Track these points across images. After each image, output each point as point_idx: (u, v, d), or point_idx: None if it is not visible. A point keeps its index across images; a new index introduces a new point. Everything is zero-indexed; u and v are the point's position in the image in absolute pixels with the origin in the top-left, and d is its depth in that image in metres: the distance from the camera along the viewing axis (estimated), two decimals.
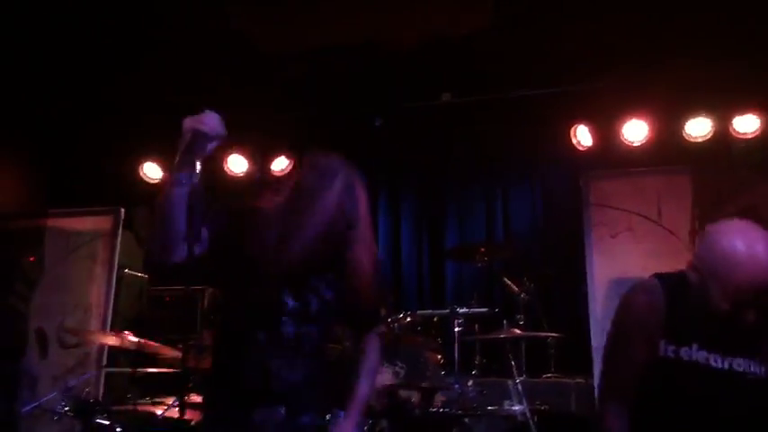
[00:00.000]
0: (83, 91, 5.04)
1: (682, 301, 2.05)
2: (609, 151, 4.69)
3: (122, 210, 4.76)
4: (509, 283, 4.69)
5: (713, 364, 2.03)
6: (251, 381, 2.21)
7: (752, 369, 2.03)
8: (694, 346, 2.03)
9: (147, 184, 5.62)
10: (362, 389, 2.37)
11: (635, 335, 2.08)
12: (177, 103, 5.03)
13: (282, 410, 2.21)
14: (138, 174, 5.64)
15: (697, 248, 2.10)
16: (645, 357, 2.06)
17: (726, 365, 2.03)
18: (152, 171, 5.69)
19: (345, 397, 3.15)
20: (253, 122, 4.51)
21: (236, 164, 5.37)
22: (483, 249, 4.53)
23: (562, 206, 5.16)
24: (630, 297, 2.15)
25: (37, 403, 3.75)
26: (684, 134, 4.55)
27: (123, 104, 5.13)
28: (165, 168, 5.58)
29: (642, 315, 2.08)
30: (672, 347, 2.04)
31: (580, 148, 4.81)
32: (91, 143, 5.35)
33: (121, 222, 4.73)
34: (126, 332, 3.87)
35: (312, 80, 4.84)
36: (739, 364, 2.03)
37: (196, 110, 2.18)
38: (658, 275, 2.16)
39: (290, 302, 2.27)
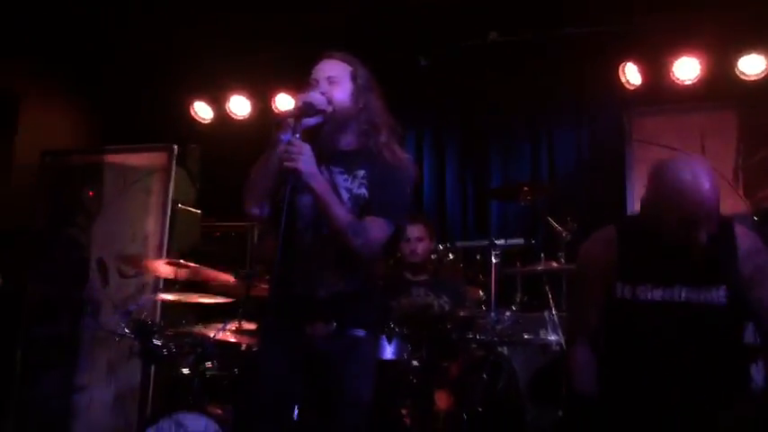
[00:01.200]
0: (137, 32, 5.18)
1: (635, 241, 2.15)
2: (658, 90, 4.63)
3: (175, 147, 4.92)
4: (553, 222, 4.71)
5: (669, 297, 2.10)
6: (301, 290, 2.35)
7: (710, 298, 2.10)
8: (649, 284, 2.12)
9: (198, 122, 5.83)
10: (339, 204, 2.30)
11: (591, 279, 2.21)
12: (224, 47, 5.19)
13: (333, 324, 2.35)
14: (190, 113, 5.84)
15: (647, 182, 2.17)
16: (602, 299, 2.16)
17: (682, 297, 2.10)
18: (202, 110, 5.88)
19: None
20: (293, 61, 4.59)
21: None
22: (527, 189, 4.54)
23: (607, 145, 5.12)
24: (586, 245, 2.31)
25: (98, 327, 4.00)
26: (737, 71, 4.46)
27: (176, 46, 5.26)
28: (214, 108, 5.76)
29: (595, 259, 2.21)
30: (628, 287, 2.13)
31: (629, 87, 4.76)
32: (145, 82, 5.53)
33: (174, 159, 4.89)
34: (181, 261, 4.08)
35: (356, 18, 4.86)
36: (697, 294, 2.10)
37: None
38: (617, 221, 2.31)
39: None
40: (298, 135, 2.24)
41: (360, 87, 2.45)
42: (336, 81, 2.44)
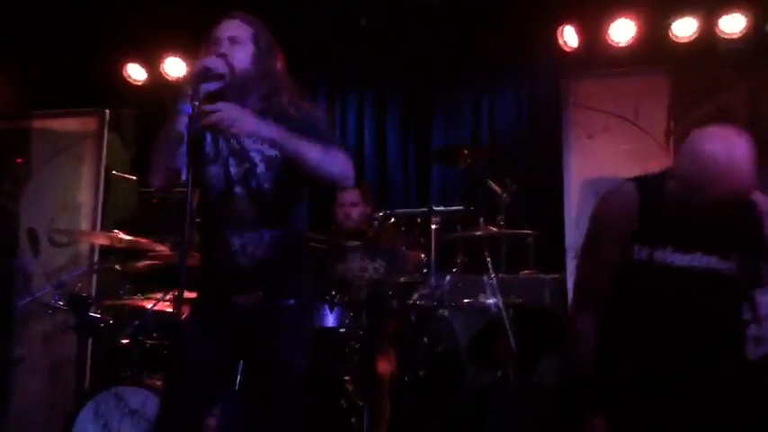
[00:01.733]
0: None
1: (657, 204, 2.07)
2: (594, 52, 4.66)
3: (107, 111, 4.75)
4: (492, 184, 4.76)
5: (687, 263, 2.05)
6: (222, 261, 2.33)
7: (724, 266, 2.07)
8: (668, 249, 2.06)
9: (131, 85, 5.61)
10: (305, 142, 2.24)
11: (608, 238, 2.11)
12: (157, 5, 5.00)
13: (260, 294, 2.32)
14: (122, 75, 5.62)
15: (678, 154, 2.12)
16: (618, 261, 2.08)
17: (702, 264, 2.06)
18: (135, 72, 5.66)
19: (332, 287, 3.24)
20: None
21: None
22: (467, 151, 4.57)
23: (547, 108, 5.16)
24: (604, 201, 2.19)
25: (31, 298, 3.89)
26: (670, 34, 4.52)
27: (106, 5, 5.04)
28: (147, 69, 5.55)
29: (615, 219, 2.11)
30: (646, 250, 2.07)
31: (566, 49, 4.79)
32: (74, 44, 5.28)
33: (107, 124, 4.73)
34: (116, 231, 3.98)
35: None
36: (714, 262, 2.06)
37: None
38: (635, 179, 2.18)
39: (235, 169, 2.32)
40: (197, 103, 2.14)
41: (261, 50, 2.37)
42: (238, 42, 2.35)
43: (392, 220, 4.40)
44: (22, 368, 4.53)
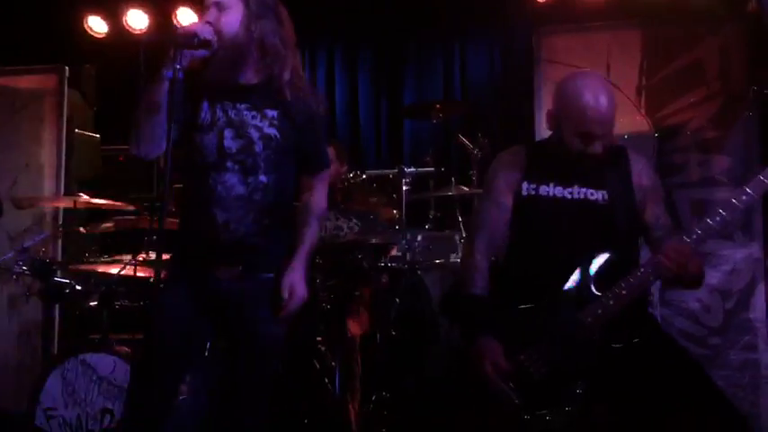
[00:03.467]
0: None
1: (540, 151, 2.47)
2: (566, 5, 4.60)
3: (66, 68, 4.59)
4: (464, 139, 4.72)
5: (568, 195, 2.37)
6: (203, 233, 2.28)
7: (600, 197, 2.37)
8: (551, 184, 2.38)
9: (92, 39, 5.40)
10: (312, 230, 2.37)
11: (501, 184, 2.45)
12: None
13: (240, 268, 2.28)
14: (82, 29, 5.41)
15: (552, 98, 2.43)
16: (507, 204, 2.42)
17: (581, 196, 2.37)
18: (97, 24, 5.44)
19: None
20: None
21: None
22: (439, 106, 4.52)
23: (519, 63, 5.11)
24: (497, 156, 2.58)
25: None
26: None
27: None
28: (109, 22, 5.34)
29: (503, 167, 2.48)
30: (532, 186, 2.40)
31: (539, 1, 4.72)
32: None
33: (66, 80, 4.57)
34: (80, 193, 3.88)
35: None
36: (591, 194, 2.37)
37: None
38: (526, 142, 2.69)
39: (230, 143, 2.27)
40: (179, 67, 2.08)
41: (253, 14, 2.27)
42: (226, 7, 2.25)
43: (364, 177, 4.36)
44: None
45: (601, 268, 2.27)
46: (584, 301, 2.24)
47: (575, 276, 2.29)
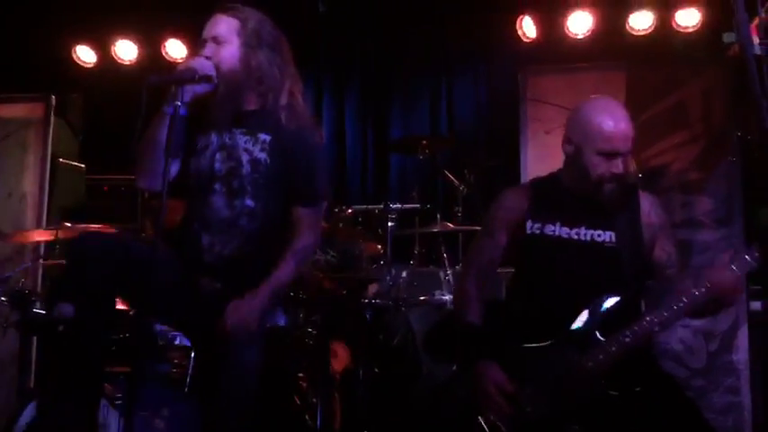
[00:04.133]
0: None
1: (547, 188, 2.43)
2: (552, 45, 4.68)
3: (53, 97, 4.58)
4: (450, 175, 4.74)
5: (575, 236, 2.34)
6: (188, 254, 2.29)
7: (608, 238, 2.32)
8: (557, 223, 2.35)
9: (80, 69, 5.37)
10: (285, 268, 2.29)
11: (498, 218, 2.46)
12: None
13: (219, 285, 2.27)
14: (70, 59, 5.39)
15: (567, 128, 2.41)
16: (504, 245, 2.43)
17: (587, 237, 2.33)
18: (85, 54, 5.42)
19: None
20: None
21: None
22: (425, 142, 4.55)
23: (505, 101, 5.16)
24: (502, 195, 2.54)
25: None
26: (627, 27, 4.55)
27: None
28: (98, 53, 5.34)
29: (507, 203, 2.46)
30: (537, 225, 2.36)
31: (525, 40, 4.79)
32: (19, 24, 5.07)
33: (53, 109, 4.56)
34: (64, 222, 3.84)
35: None
36: (599, 235, 2.33)
37: None
38: (532, 179, 2.60)
39: (220, 165, 2.29)
40: (180, 104, 2.13)
41: (249, 45, 2.31)
42: (223, 41, 2.30)
43: (349, 211, 4.35)
44: None
45: (607, 312, 2.24)
46: (588, 344, 2.21)
47: (581, 318, 2.25)
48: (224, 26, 2.32)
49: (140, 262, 2.08)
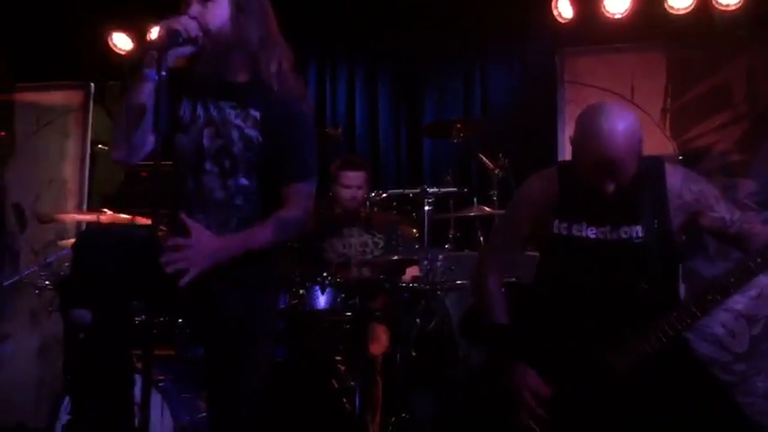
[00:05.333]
0: None
1: (573, 183, 2.28)
2: (589, 25, 4.59)
3: (92, 84, 4.64)
4: (484, 159, 4.70)
5: (601, 236, 2.25)
6: (180, 236, 2.09)
7: (635, 233, 2.23)
8: (583, 223, 2.26)
9: (118, 56, 5.45)
10: (263, 230, 2.14)
11: (524, 211, 2.37)
12: None
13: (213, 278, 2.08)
14: (108, 45, 5.47)
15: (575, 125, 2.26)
16: (527, 235, 2.37)
17: (614, 236, 2.24)
18: (122, 42, 5.49)
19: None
20: None
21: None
22: (459, 125, 4.52)
23: (540, 83, 5.09)
24: (529, 182, 2.42)
25: (18, 277, 3.83)
26: (666, 6, 4.45)
27: None
28: (134, 40, 5.39)
29: (534, 196, 2.35)
30: (564, 225, 2.27)
31: (561, 20, 4.71)
32: (58, 13, 5.14)
33: (92, 97, 4.63)
34: (103, 209, 3.91)
35: None
36: (625, 232, 2.24)
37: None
38: (559, 164, 2.49)
39: (209, 142, 2.15)
40: (164, 72, 1.96)
41: (240, 7, 2.15)
42: (210, 0, 2.13)
43: (384, 195, 4.36)
44: (9, 346, 4.48)
45: (635, 309, 2.19)
46: (617, 342, 2.17)
47: (611, 316, 2.20)
48: None
49: (145, 254, 1.99)
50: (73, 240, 4.03)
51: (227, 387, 2.15)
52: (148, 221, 3.69)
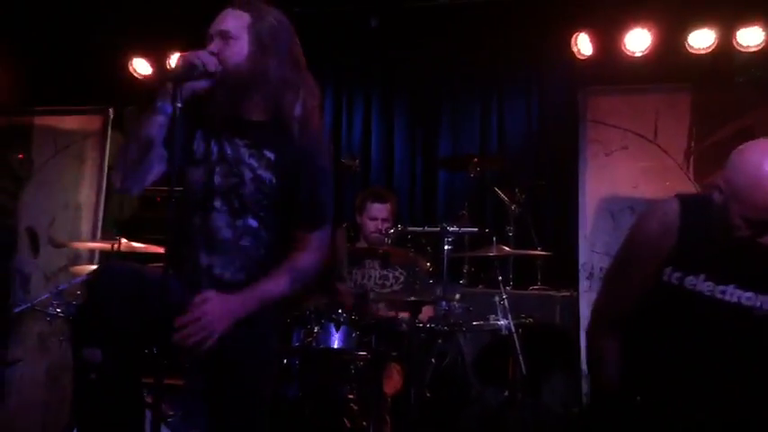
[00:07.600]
0: None
1: (698, 227, 1.96)
2: (609, 63, 4.57)
3: (111, 110, 4.65)
4: (500, 194, 4.67)
5: (719, 296, 1.94)
6: (185, 275, 2.09)
7: (759, 305, 1.95)
8: (701, 276, 1.95)
9: (137, 81, 5.45)
10: (277, 281, 2.08)
11: (645, 259, 2.00)
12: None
13: None
14: (128, 71, 5.46)
15: (728, 168, 1.96)
16: (649, 285, 1.99)
17: (734, 299, 1.94)
18: (142, 67, 5.48)
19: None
20: None
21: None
22: (476, 160, 4.50)
23: (558, 120, 5.07)
24: (645, 218, 2.08)
25: (30, 304, 3.79)
26: (687, 46, 4.43)
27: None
28: (154, 66, 5.39)
29: (654, 238, 1.99)
30: (677, 274, 1.97)
31: (580, 57, 4.69)
32: (78, 39, 5.16)
33: (110, 122, 4.63)
34: (117, 237, 3.88)
35: None
36: (749, 299, 1.94)
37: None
38: (679, 197, 2.06)
39: (220, 180, 2.11)
40: (179, 104, 1.92)
41: (260, 45, 2.10)
42: (232, 37, 2.10)
43: (399, 228, 4.32)
44: (19, 370, 4.44)
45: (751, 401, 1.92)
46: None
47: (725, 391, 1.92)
48: (234, 21, 2.13)
49: (157, 298, 1.92)
50: (86, 268, 4.01)
51: (227, 423, 2.07)
52: (161, 253, 3.70)
